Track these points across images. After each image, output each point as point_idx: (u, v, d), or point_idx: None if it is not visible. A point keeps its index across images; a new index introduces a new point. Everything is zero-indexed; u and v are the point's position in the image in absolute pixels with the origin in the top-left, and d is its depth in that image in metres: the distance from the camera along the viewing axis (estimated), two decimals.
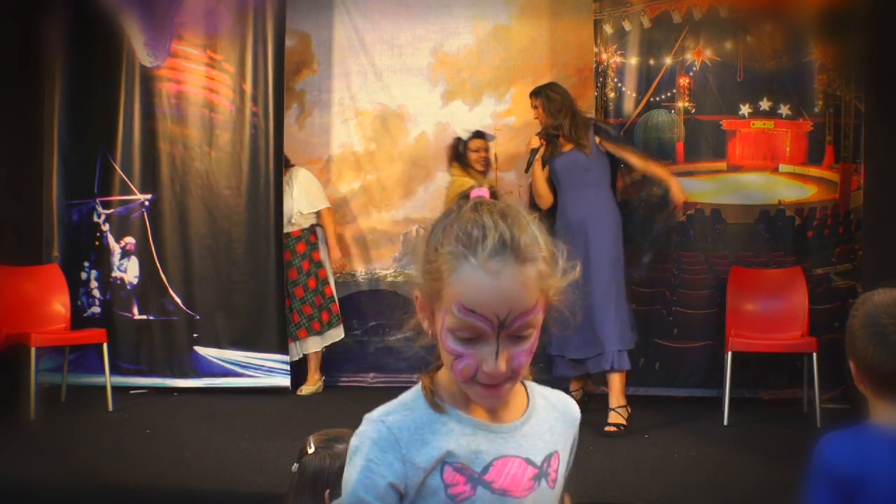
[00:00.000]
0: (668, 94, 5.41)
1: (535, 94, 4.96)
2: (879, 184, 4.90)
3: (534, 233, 1.22)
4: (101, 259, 5.73)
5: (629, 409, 4.50)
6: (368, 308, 6.00)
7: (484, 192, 1.25)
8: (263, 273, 5.57)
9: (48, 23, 5.58)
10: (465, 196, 1.26)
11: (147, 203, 5.70)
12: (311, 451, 1.90)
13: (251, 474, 3.69)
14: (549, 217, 4.68)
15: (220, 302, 5.62)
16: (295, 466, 1.91)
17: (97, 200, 5.73)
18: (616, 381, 4.50)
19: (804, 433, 4.55)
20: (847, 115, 5.25)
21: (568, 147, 4.79)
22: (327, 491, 1.83)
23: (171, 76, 5.69)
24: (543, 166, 4.83)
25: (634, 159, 4.89)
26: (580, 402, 4.47)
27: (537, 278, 1.21)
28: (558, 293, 1.26)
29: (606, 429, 4.40)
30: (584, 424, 1.45)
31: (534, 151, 4.89)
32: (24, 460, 3.92)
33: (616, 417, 4.45)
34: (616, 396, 4.50)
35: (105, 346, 5.04)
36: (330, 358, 5.94)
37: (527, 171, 4.96)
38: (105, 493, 3.51)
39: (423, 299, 1.27)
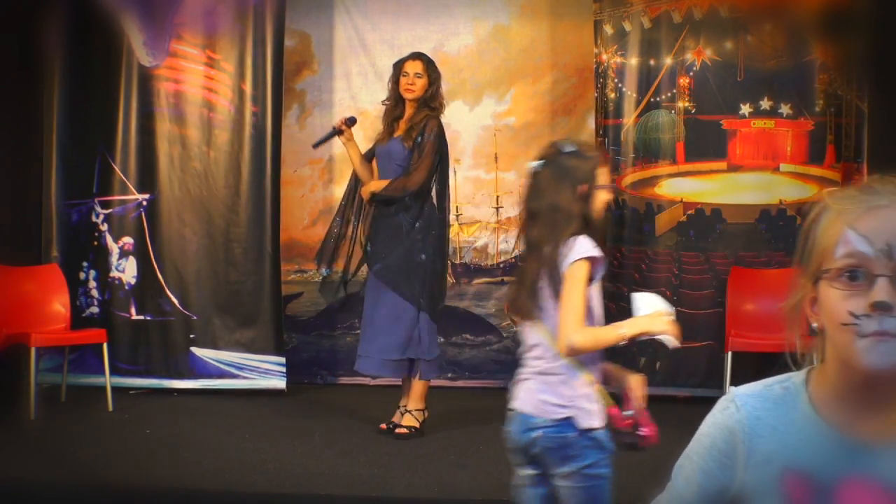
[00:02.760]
0: (669, 94, 5.41)
1: (426, 60, 4.50)
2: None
3: None
4: (100, 259, 5.72)
5: (426, 414, 4.46)
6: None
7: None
8: (261, 274, 5.56)
9: (47, 23, 5.57)
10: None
11: (145, 203, 5.69)
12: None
13: (251, 474, 3.69)
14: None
15: (218, 303, 5.61)
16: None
17: (96, 200, 5.73)
18: (421, 386, 4.43)
19: None
20: (848, 115, 5.25)
21: (398, 133, 4.49)
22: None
23: (170, 76, 5.69)
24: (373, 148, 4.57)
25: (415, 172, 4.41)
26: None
27: None
28: None
29: (400, 430, 4.36)
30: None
31: (333, 132, 4.59)
32: (24, 460, 3.91)
33: (411, 420, 4.41)
34: (417, 399, 4.44)
35: (105, 346, 5.04)
36: (330, 358, 5.94)
37: (314, 146, 4.78)
38: (105, 493, 3.51)
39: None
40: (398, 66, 4.51)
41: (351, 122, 4.58)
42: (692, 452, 1.29)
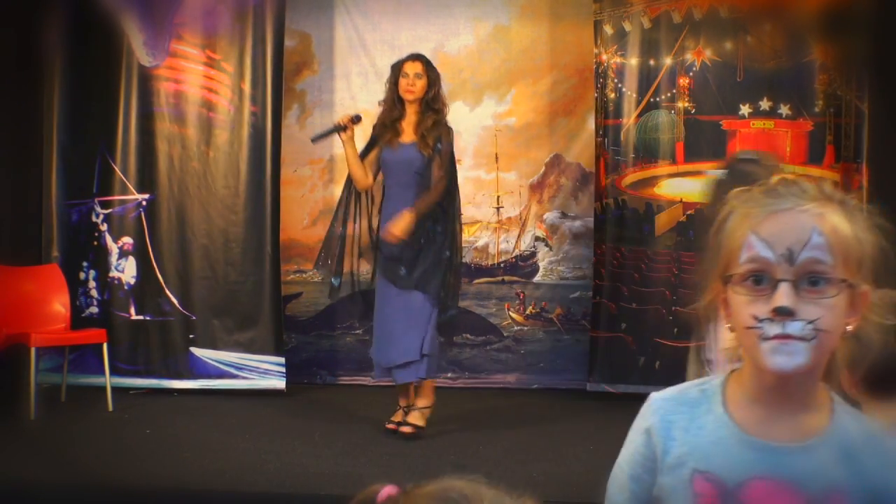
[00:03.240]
0: (668, 95, 5.41)
1: (425, 61, 4.46)
2: (882, 183, 4.90)
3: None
4: (100, 259, 5.72)
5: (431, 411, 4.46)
6: (369, 308, 5.98)
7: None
8: (261, 274, 5.56)
9: (48, 23, 5.57)
10: None
11: (144, 203, 5.69)
12: None
13: (251, 474, 3.69)
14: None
15: (217, 303, 5.61)
16: None
17: (96, 200, 5.72)
18: (430, 382, 4.42)
19: None
20: (848, 115, 5.25)
21: (408, 139, 4.41)
22: None
23: (169, 76, 5.69)
24: (371, 149, 4.49)
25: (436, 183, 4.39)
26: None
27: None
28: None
29: (406, 429, 4.32)
30: (588, 423, 1.45)
31: (336, 127, 4.47)
32: (24, 460, 3.91)
33: (418, 418, 4.39)
34: (426, 396, 4.43)
35: (105, 346, 5.04)
36: (330, 358, 5.94)
37: (313, 141, 4.76)
38: (105, 493, 3.51)
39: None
40: (397, 68, 4.46)
41: (356, 119, 4.53)
42: (622, 461, 1.31)
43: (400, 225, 4.28)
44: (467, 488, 1.01)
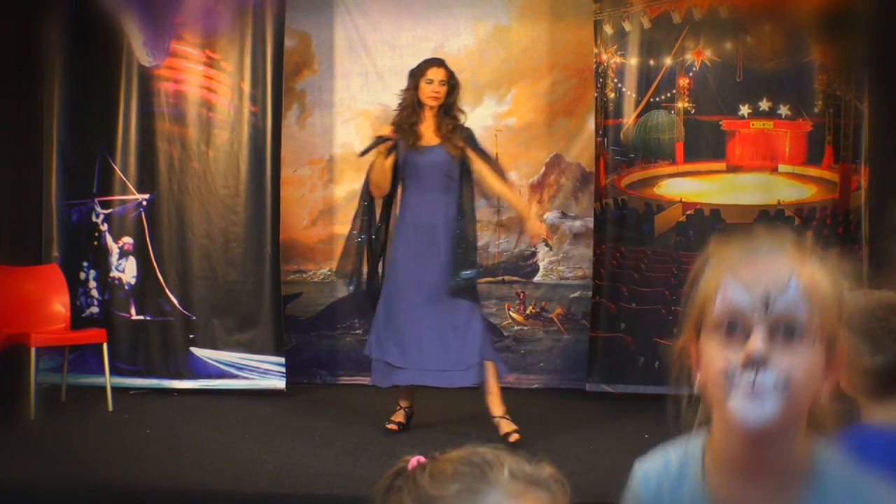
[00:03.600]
0: (668, 95, 5.42)
1: (447, 68, 4.44)
2: (881, 183, 4.90)
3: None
4: (100, 259, 5.72)
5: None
6: (369, 307, 5.99)
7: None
8: (261, 274, 5.57)
9: (48, 23, 5.57)
10: None
11: (144, 203, 5.69)
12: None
13: (251, 474, 3.69)
14: (385, 209, 4.53)
15: (217, 303, 5.61)
16: None
17: (96, 200, 5.73)
18: (497, 389, 4.30)
19: None
20: (847, 116, 5.26)
21: (434, 142, 4.34)
22: None
23: (169, 76, 5.69)
24: (390, 153, 4.38)
25: (492, 179, 4.39)
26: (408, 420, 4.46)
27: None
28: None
29: (515, 437, 4.15)
30: (588, 423, 1.44)
31: (379, 140, 4.34)
32: (24, 460, 3.91)
33: (511, 424, 4.24)
34: (500, 403, 4.28)
35: (105, 346, 5.04)
36: (330, 358, 5.94)
37: (361, 155, 4.52)
38: (105, 493, 3.51)
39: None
40: (419, 73, 4.37)
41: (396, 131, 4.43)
42: None
43: (540, 226, 4.55)
44: (490, 454, 1.10)
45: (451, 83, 4.38)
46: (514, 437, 4.12)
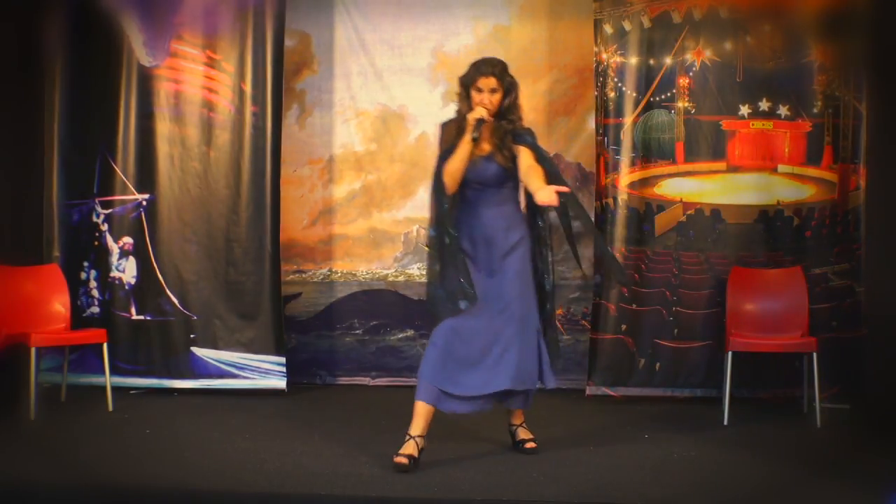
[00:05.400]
0: (668, 94, 5.42)
1: (502, 73, 3.94)
2: (881, 183, 4.91)
3: None
4: (100, 259, 5.72)
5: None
6: (369, 307, 6.01)
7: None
8: (261, 274, 5.57)
9: (48, 23, 5.58)
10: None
11: (145, 203, 5.70)
12: None
13: (251, 474, 3.69)
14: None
15: (218, 303, 5.62)
16: None
17: (96, 200, 5.73)
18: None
19: (804, 433, 4.58)
20: (846, 116, 5.27)
21: (485, 150, 3.94)
22: None
23: (170, 76, 5.69)
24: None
25: (531, 177, 3.85)
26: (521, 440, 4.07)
27: None
28: None
29: (531, 444, 4.07)
30: (588, 424, 1.44)
31: (480, 122, 3.87)
32: (24, 460, 3.91)
33: (528, 432, 4.13)
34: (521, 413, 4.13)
35: (105, 346, 5.04)
36: (329, 358, 5.94)
37: (474, 140, 3.85)
38: (105, 493, 3.51)
39: None
40: (469, 82, 3.93)
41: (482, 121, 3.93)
42: None
43: (549, 191, 3.65)
44: None
45: (506, 87, 3.93)
46: (530, 445, 4.08)
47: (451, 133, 3.95)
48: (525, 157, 3.88)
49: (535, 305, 4.00)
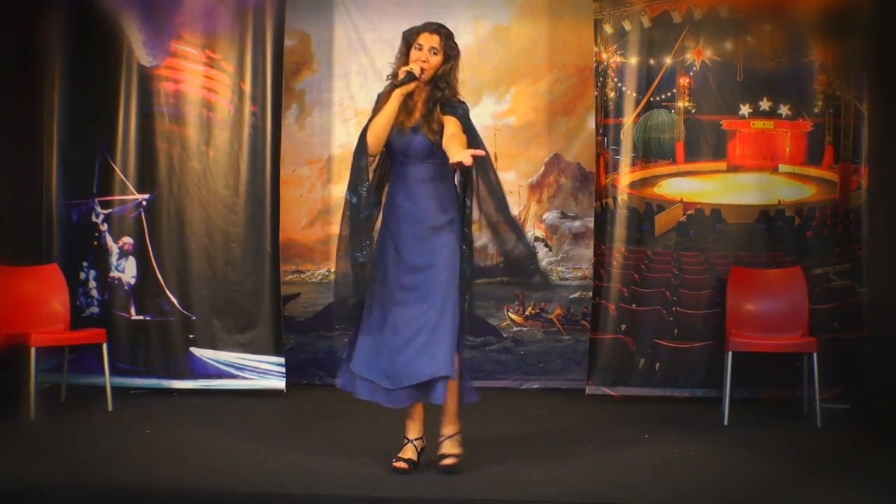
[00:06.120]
0: (668, 94, 5.42)
1: (448, 37, 3.71)
2: (882, 183, 4.91)
3: None
4: (100, 259, 5.72)
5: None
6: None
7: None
8: (260, 274, 5.57)
9: (48, 23, 5.58)
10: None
11: (144, 203, 5.69)
12: None
13: (251, 474, 3.69)
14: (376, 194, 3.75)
15: (217, 303, 5.61)
16: None
17: (96, 200, 5.73)
18: (454, 405, 3.74)
19: (804, 433, 4.57)
20: (847, 116, 5.27)
21: (413, 120, 3.65)
22: None
23: (169, 76, 5.69)
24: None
25: (451, 142, 3.52)
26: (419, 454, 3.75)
27: None
28: None
29: (448, 461, 3.68)
30: (588, 424, 1.44)
31: (411, 75, 3.59)
32: (24, 460, 3.91)
33: (454, 447, 3.73)
34: (454, 421, 3.75)
35: (105, 346, 5.04)
36: (330, 358, 5.94)
37: (397, 87, 3.60)
38: (105, 493, 3.51)
39: None
40: (410, 37, 3.70)
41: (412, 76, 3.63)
42: None
43: (466, 154, 3.37)
44: None
45: (448, 53, 3.68)
46: (447, 462, 3.68)
47: (384, 100, 3.66)
48: (450, 126, 3.58)
49: (458, 296, 3.74)
